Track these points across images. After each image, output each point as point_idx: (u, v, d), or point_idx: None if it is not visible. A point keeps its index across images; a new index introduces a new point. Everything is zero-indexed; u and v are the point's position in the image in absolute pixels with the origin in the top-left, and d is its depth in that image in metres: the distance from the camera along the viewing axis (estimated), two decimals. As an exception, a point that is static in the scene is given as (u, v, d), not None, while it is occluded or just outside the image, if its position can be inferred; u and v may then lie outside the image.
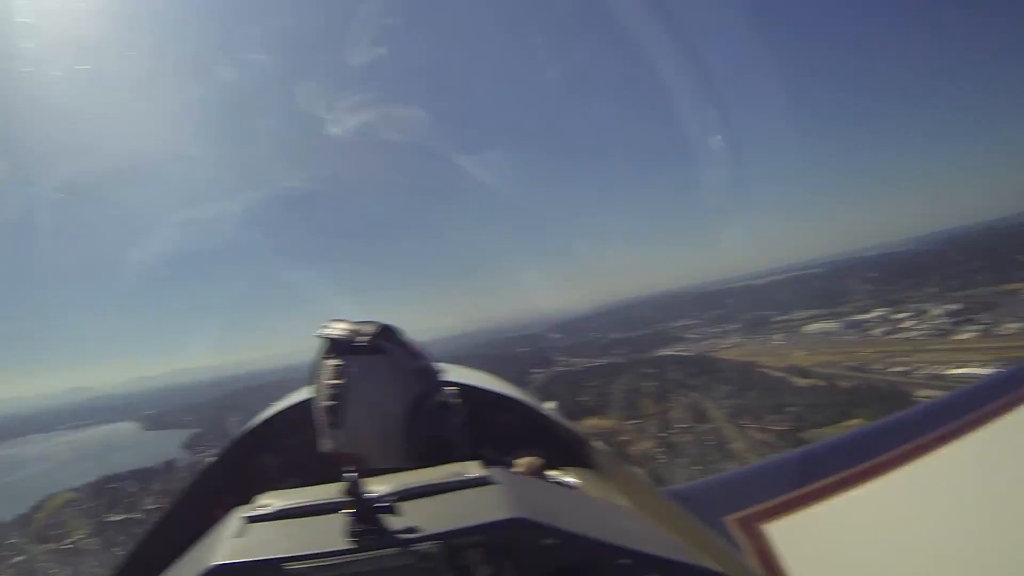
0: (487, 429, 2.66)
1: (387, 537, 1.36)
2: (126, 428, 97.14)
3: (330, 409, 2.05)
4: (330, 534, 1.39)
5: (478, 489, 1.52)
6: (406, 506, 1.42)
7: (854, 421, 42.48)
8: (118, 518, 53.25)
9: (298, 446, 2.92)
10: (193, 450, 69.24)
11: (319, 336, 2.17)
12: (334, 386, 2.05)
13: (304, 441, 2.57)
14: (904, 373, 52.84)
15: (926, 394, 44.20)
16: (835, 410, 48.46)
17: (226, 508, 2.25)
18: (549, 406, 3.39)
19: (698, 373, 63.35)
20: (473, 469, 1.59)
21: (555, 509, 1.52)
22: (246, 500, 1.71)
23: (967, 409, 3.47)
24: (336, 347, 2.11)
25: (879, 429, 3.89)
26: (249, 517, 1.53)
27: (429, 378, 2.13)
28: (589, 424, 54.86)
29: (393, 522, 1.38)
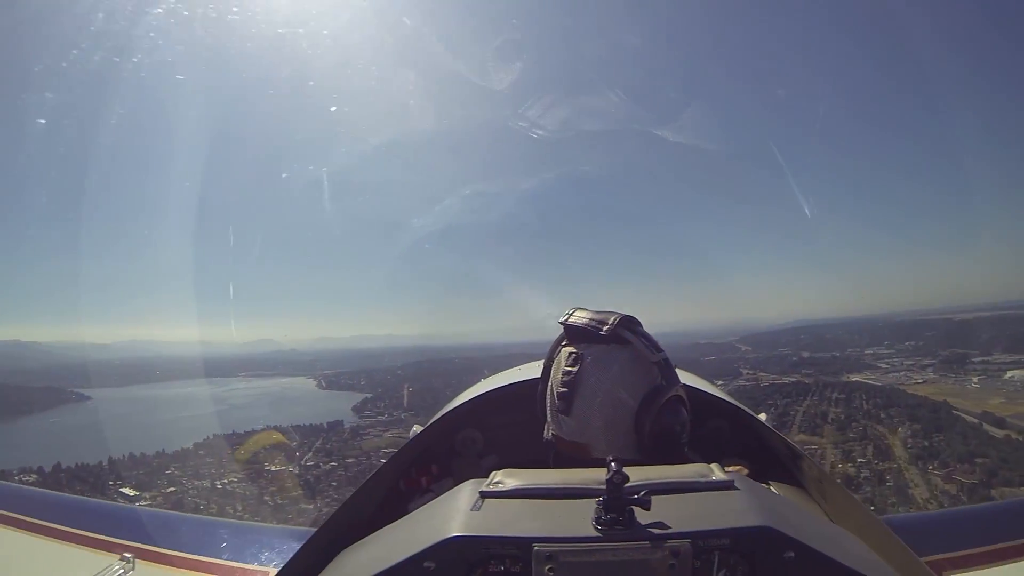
0: (696, 431, 2.56)
1: (637, 530, 1.39)
2: (302, 384, 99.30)
3: (564, 396, 2.10)
4: (576, 519, 1.45)
5: (724, 492, 1.57)
6: (656, 501, 1.42)
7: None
8: (273, 469, 55.61)
9: (511, 425, 3.01)
10: (360, 414, 71.75)
11: (561, 323, 2.22)
12: (571, 373, 2.10)
13: (516, 421, 2.75)
14: None
15: None
16: None
17: (432, 477, 2.86)
18: (761, 417, 3.35)
19: (886, 406, 61.01)
20: (716, 472, 1.65)
21: (796, 522, 1.52)
22: (451, 471, 2.00)
23: None
24: (578, 334, 2.17)
25: None
26: (484, 492, 1.61)
27: (665, 373, 2.12)
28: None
29: (642, 516, 1.41)
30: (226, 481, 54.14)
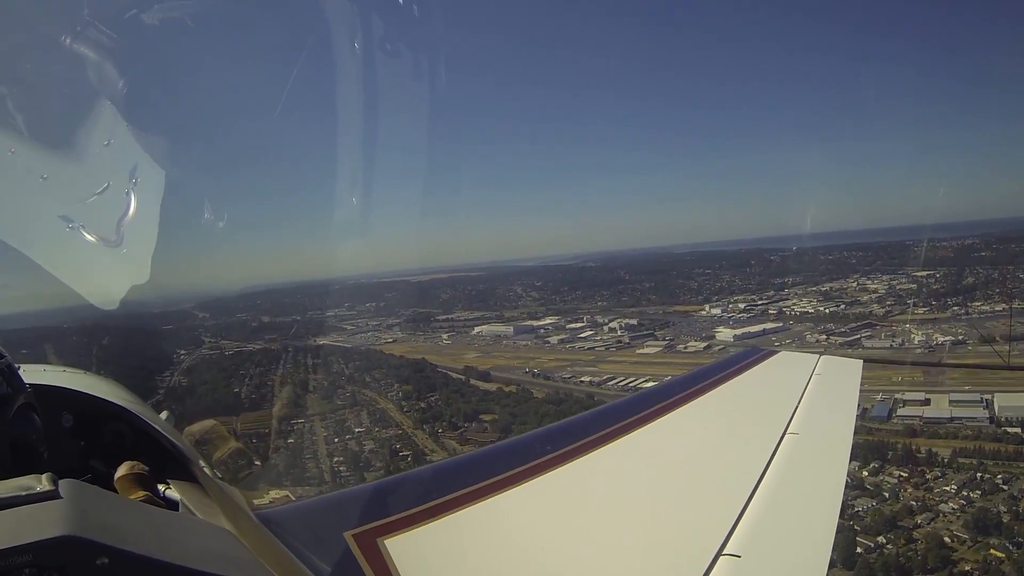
0: (95, 438, 2.85)
1: None
2: None
3: None
4: None
5: (40, 505, 1.52)
6: None
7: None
8: None
9: None
10: None
11: None
12: None
13: None
14: (596, 384, 54.98)
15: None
16: (545, 420, 44.08)
17: None
18: (162, 415, 3.47)
19: (368, 368, 60.87)
20: (43, 483, 1.60)
21: (121, 526, 1.53)
22: None
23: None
24: None
25: (497, 450, 4.62)
26: None
27: (10, 380, 2.07)
28: (251, 419, 51.54)
29: None
30: None
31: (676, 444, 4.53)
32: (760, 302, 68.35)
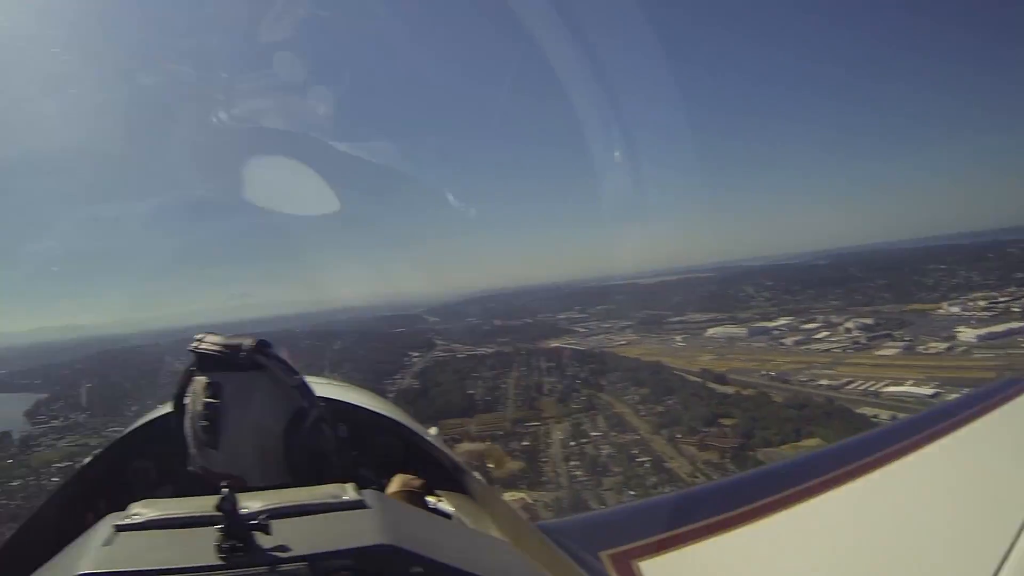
0: (365, 449, 2.92)
1: (256, 555, 1.37)
2: None
3: (208, 429, 2.02)
4: (199, 548, 1.40)
5: (351, 512, 1.56)
6: (277, 525, 1.42)
7: (811, 441, 42.72)
8: None
9: (171, 457, 2.74)
10: (33, 419, 64.45)
11: (192, 351, 2.13)
12: (209, 404, 2.02)
13: (177, 453, 2.49)
14: (834, 387, 52.48)
15: (866, 412, 46.03)
16: (787, 426, 46.23)
17: (96, 516, 2.28)
18: (431, 431, 3.46)
19: (602, 371, 60.01)
20: (348, 491, 1.62)
21: (427, 537, 1.55)
22: (117, 508, 1.68)
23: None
24: (211, 363, 2.09)
25: (762, 474, 4.34)
26: (119, 525, 1.53)
27: (306, 395, 2.12)
28: (487, 422, 53.07)
29: (263, 540, 1.39)
30: None
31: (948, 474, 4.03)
32: (1002, 299, 61.88)
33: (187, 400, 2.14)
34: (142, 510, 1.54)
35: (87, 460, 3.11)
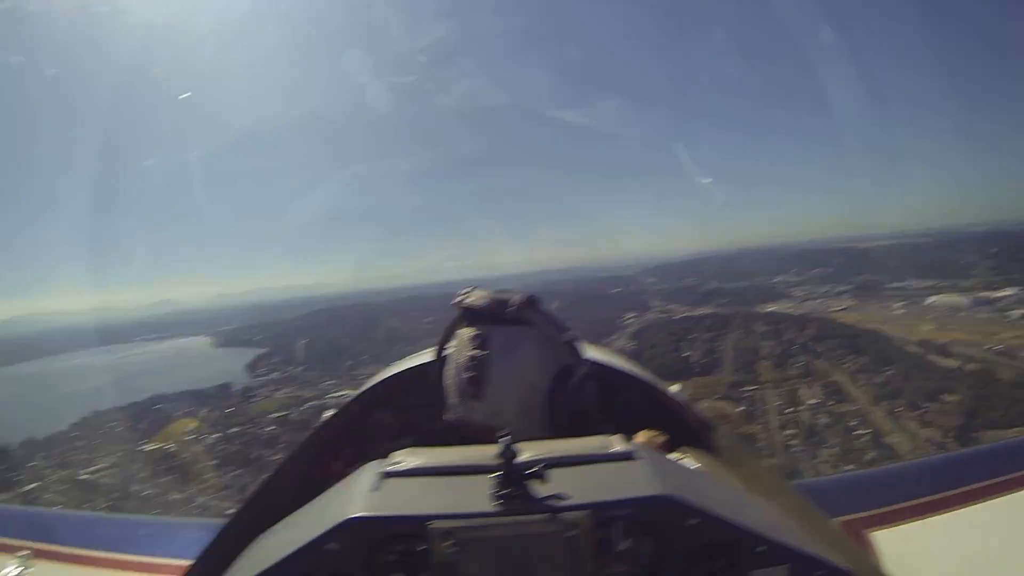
0: (611, 406, 2.67)
1: (534, 503, 1.37)
2: (198, 343, 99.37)
3: (473, 380, 2.04)
4: (474, 495, 1.41)
5: (624, 463, 1.54)
6: (554, 473, 1.41)
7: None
8: (150, 447, 52.72)
9: (424, 406, 2.63)
10: (254, 372, 70.52)
11: (458, 304, 2.16)
12: (476, 357, 2.04)
13: (429, 402, 2.50)
14: None
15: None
16: (1015, 407, 42.26)
17: (343, 463, 2.62)
18: (674, 388, 3.30)
19: (819, 337, 59.42)
20: (617, 443, 1.61)
21: (699, 490, 1.51)
22: (365, 455, 1.80)
23: None
24: (479, 316, 2.12)
25: (1005, 448, 3.93)
26: (386, 472, 1.56)
27: (574, 352, 2.11)
28: (703, 385, 53.17)
29: (540, 488, 1.39)
30: (93, 470, 50.60)
31: None
32: None
33: (450, 351, 2.19)
34: (406, 457, 1.61)
35: (331, 412, 3.16)
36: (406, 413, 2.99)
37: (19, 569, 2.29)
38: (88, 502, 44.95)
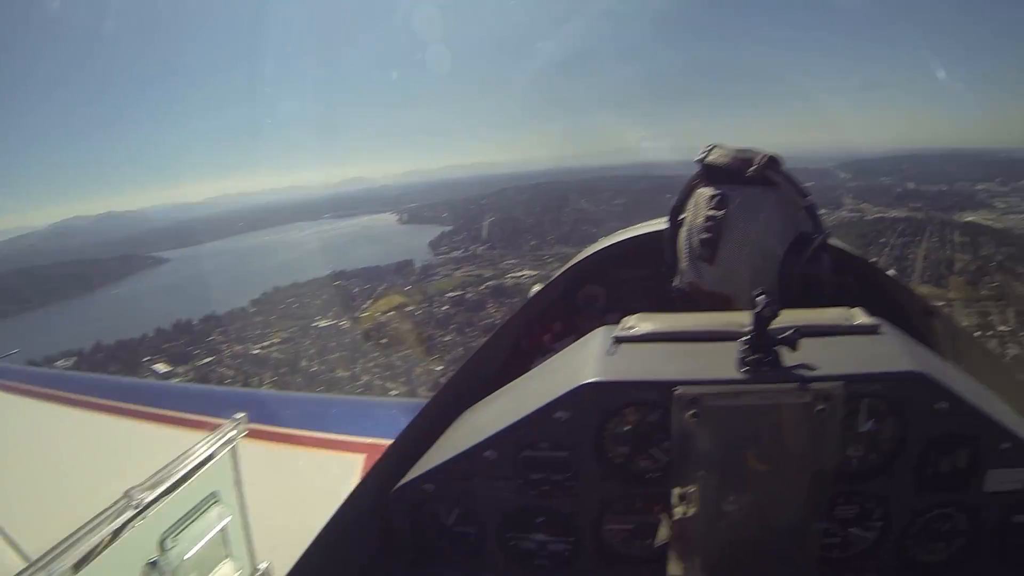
0: (842, 282, 2.53)
1: (783, 372, 1.35)
2: (384, 220, 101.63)
3: (707, 242, 2.00)
4: (719, 361, 1.39)
5: (872, 337, 1.52)
6: (804, 344, 1.36)
7: None
8: (324, 323, 55.76)
9: (634, 280, 2.90)
10: (436, 249, 72.21)
11: (700, 160, 2.09)
12: (716, 218, 1.99)
13: (640, 276, 2.69)
14: None
15: None
16: None
17: (551, 337, 2.71)
18: (890, 272, 3.17)
19: (1020, 257, 54.39)
20: (860, 316, 1.59)
21: (945, 373, 1.43)
22: (575, 329, 1.83)
23: None
24: (719, 175, 2.05)
25: None
26: (618, 337, 1.54)
27: (814, 218, 2.05)
28: None
29: (791, 357, 1.37)
30: (265, 344, 53.62)
31: None
32: None
33: (686, 215, 2.15)
34: (639, 323, 1.59)
35: (540, 285, 3.06)
36: (618, 286, 3.00)
37: (233, 433, 2.18)
38: (255, 376, 48.26)
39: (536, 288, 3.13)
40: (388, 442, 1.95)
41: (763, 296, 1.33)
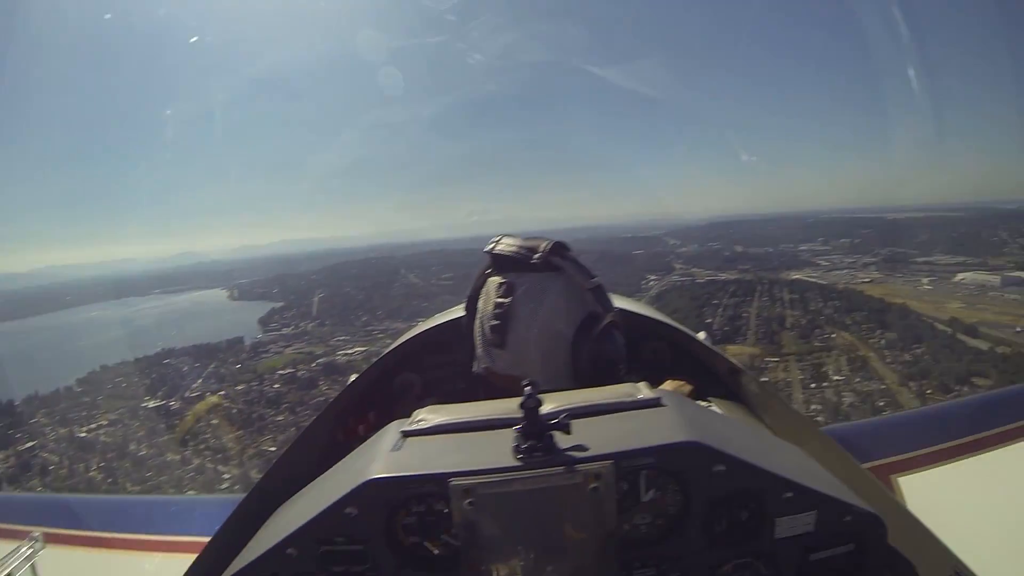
0: (639, 355, 2.85)
1: (557, 455, 1.35)
2: (214, 296, 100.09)
3: (496, 328, 2.01)
4: (495, 450, 1.40)
5: (650, 410, 1.52)
6: (577, 424, 1.39)
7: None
8: (153, 404, 53.36)
9: (447, 365, 2.88)
10: (266, 326, 70.38)
11: (488, 252, 2.13)
12: (503, 305, 2.02)
13: (453, 361, 2.59)
14: None
15: None
16: None
17: (367, 428, 2.69)
18: (700, 336, 3.26)
19: (847, 309, 58.52)
20: (643, 390, 1.59)
21: (726, 436, 1.48)
22: (390, 417, 1.73)
23: None
24: (506, 263, 2.08)
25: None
26: (406, 431, 1.55)
27: (601, 299, 2.05)
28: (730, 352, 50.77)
29: (564, 440, 1.37)
30: (92, 427, 50.62)
31: None
32: None
33: (480, 301, 2.15)
34: (428, 415, 1.60)
35: (356, 375, 3.06)
36: (432, 372, 2.99)
37: (29, 551, 2.17)
38: (82, 461, 44.91)
39: (353, 377, 3.11)
40: (206, 540, 1.83)
41: (528, 386, 1.36)
